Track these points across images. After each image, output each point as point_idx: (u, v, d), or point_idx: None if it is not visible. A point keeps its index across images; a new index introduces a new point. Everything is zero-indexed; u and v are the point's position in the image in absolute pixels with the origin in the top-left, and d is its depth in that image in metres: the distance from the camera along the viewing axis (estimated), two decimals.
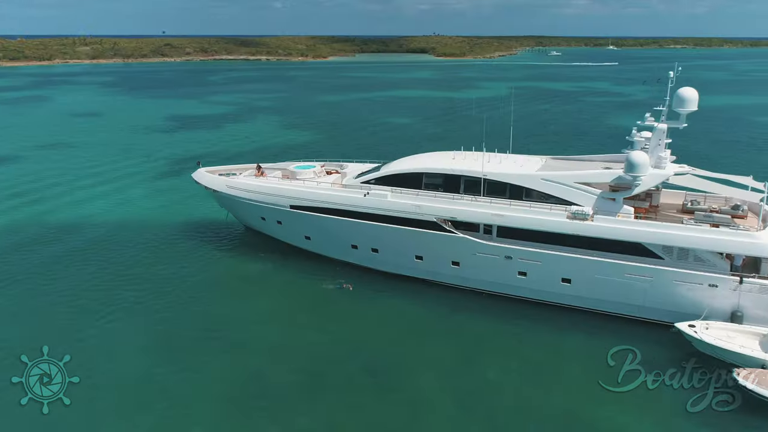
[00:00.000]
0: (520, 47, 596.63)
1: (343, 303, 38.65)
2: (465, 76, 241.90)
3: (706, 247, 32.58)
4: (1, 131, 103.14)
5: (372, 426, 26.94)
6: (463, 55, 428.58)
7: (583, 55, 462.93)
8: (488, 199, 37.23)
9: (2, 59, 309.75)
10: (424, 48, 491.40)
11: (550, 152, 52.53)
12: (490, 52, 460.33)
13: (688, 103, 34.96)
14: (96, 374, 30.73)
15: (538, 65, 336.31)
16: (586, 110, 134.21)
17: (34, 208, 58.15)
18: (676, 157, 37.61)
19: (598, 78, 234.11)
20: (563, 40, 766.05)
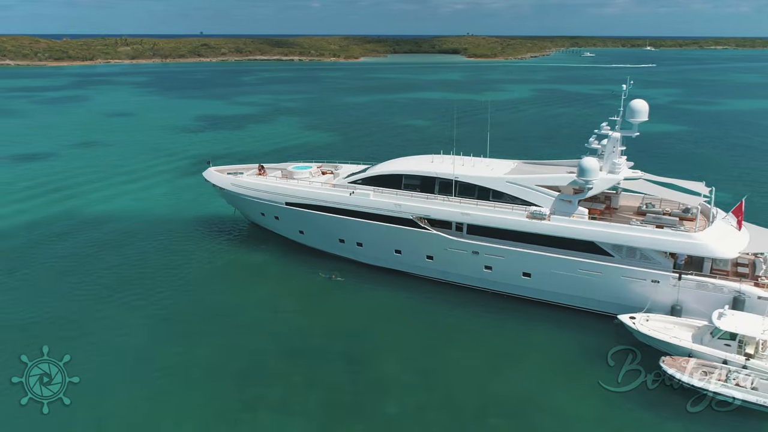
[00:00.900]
0: (555, 48, 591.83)
1: (330, 292, 42.81)
2: (491, 78, 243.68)
3: (651, 246, 35.69)
4: (41, 130, 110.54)
5: (340, 395, 30.78)
6: (494, 56, 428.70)
7: (619, 56, 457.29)
8: (459, 199, 40.95)
9: (48, 59, 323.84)
10: (457, 48, 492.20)
11: (554, 155, 55.68)
12: (522, 53, 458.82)
13: (639, 114, 38.09)
14: (97, 364, 33.77)
15: (569, 67, 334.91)
16: (604, 114, 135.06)
17: (64, 203, 63.96)
18: (633, 163, 40.70)
19: (626, 81, 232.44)
20: (599, 40, 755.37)
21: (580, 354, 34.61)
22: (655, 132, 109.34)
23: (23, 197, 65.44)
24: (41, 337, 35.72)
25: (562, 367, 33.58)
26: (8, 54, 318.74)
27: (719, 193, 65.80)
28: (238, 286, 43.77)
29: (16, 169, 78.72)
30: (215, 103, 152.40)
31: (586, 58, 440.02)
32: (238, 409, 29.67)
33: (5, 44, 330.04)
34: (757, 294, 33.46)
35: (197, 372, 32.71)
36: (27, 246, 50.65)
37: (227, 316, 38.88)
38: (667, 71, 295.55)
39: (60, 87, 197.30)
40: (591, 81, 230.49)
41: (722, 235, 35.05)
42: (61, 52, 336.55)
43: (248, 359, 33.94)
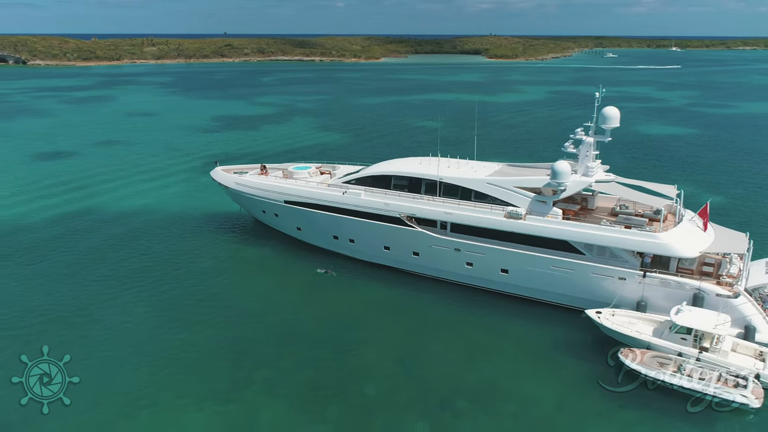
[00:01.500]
0: (578, 48, 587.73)
1: (323, 285, 45.69)
2: (509, 80, 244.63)
3: (619, 245, 37.89)
4: (66, 129, 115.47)
5: (323, 378, 33.57)
6: (515, 57, 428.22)
7: (642, 57, 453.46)
8: (443, 199, 43.52)
9: (77, 59, 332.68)
10: (478, 49, 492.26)
11: (558, 157, 57.38)
12: (543, 53, 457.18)
13: (611, 120, 40.24)
14: (100, 353, 36.91)
15: (590, 68, 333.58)
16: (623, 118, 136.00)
17: (84, 200, 67.91)
18: (608, 167, 42.84)
19: (645, 82, 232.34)
20: (624, 40, 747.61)
21: (550, 346, 36.93)
22: (663, 135, 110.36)
23: (47, 194, 69.57)
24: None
25: (532, 358, 35.95)
26: (39, 54, 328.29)
27: (717, 195, 67.89)
28: (238, 279, 46.88)
29: (41, 167, 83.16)
30: (234, 104, 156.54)
31: (609, 59, 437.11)
32: (229, 389, 32.54)
33: (36, 45, 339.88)
34: (716, 291, 35.48)
35: (194, 355, 35.73)
36: (44, 241, 54.43)
37: (226, 305, 41.95)
38: (688, 73, 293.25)
39: (86, 87, 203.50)
40: (610, 82, 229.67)
41: (685, 235, 37.08)
42: (89, 53, 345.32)
43: (242, 344, 36.92)
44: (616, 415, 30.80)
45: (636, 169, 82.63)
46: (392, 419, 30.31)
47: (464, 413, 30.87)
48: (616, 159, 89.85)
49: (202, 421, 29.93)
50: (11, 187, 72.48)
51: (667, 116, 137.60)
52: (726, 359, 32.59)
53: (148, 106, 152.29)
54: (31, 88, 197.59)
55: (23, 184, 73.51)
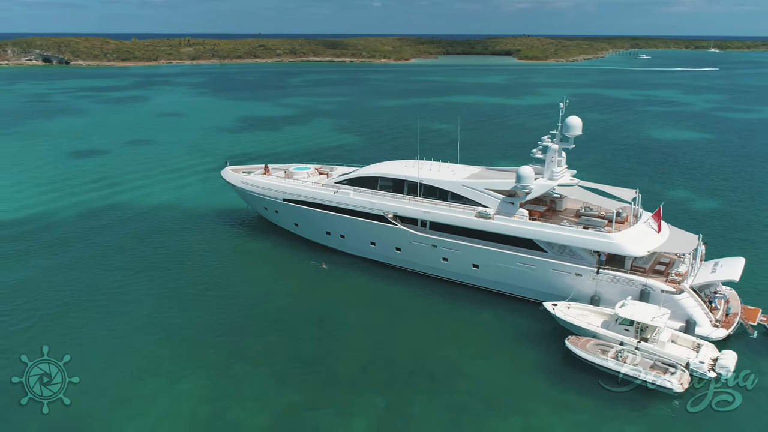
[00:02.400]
0: (612, 49, 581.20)
1: (315, 277, 50.09)
2: (533, 82, 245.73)
3: (576, 244, 41.30)
4: (101, 128, 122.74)
5: (303, 355, 37.92)
6: (545, 59, 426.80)
7: (678, 59, 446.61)
8: (422, 199, 47.47)
9: (116, 59, 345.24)
10: (510, 50, 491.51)
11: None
12: (575, 55, 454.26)
13: (573, 129, 43.60)
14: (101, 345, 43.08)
15: (620, 70, 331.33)
16: (633, 121, 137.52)
17: (109, 197, 73.85)
18: (575, 171, 46.16)
19: (672, 85, 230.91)
20: (661, 41, 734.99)
21: (511, 335, 40.54)
22: (674, 140, 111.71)
23: (77, 190, 75.86)
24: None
25: (492, 344, 39.65)
26: (81, 55, 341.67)
27: (711, 201, 70.21)
28: (239, 269, 51.66)
29: (74, 164, 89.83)
30: (260, 105, 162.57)
31: (642, 60, 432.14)
32: (221, 362, 37.05)
33: (78, 45, 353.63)
34: (661, 288, 38.65)
35: (193, 333, 40.47)
36: (68, 232, 60.21)
37: (226, 291, 46.74)
38: (720, 75, 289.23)
39: (123, 87, 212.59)
40: (636, 85, 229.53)
41: (635, 236, 40.29)
42: (128, 53, 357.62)
43: (236, 325, 41.52)
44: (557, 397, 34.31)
45: (636, 172, 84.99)
46: (357, 392, 34.36)
47: (423, 389, 34.69)
48: (621, 162, 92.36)
49: (194, 389, 34.44)
50: (46, 182, 78.98)
51: (685, 121, 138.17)
52: (663, 349, 35.74)
53: (178, 106, 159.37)
54: (71, 88, 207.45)
55: (57, 180, 79.99)
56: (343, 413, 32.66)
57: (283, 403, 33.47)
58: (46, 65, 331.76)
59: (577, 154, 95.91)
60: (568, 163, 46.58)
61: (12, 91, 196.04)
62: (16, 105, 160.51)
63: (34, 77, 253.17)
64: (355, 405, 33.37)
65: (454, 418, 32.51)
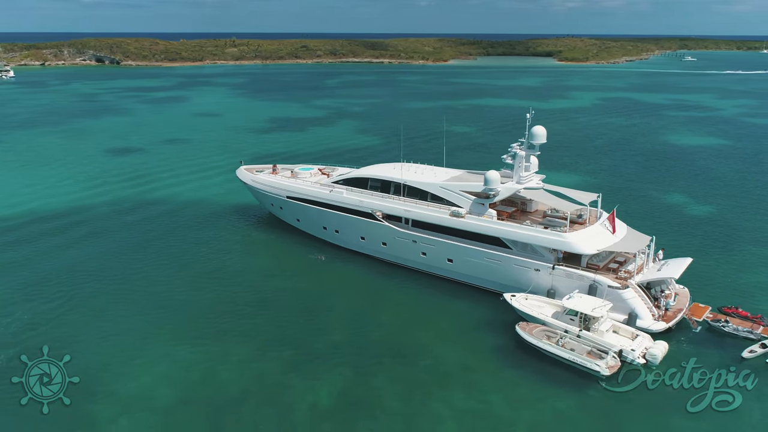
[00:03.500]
0: (659, 50, 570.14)
1: (311, 268, 55.62)
2: (567, 84, 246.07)
3: (536, 243, 45.58)
4: (141, 127, 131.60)
5: (287, 333, 43.37)
6: (585, 60, 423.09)
7: (727, 61, 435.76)
8: (405, 199, 52.41)
9: (163, 60, 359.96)
10: (551, 51, 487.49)
11: (563, 165, 63.02)
12: (617, 56, 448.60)
13: (538, 137, 47.88)
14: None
15: (659, 72, 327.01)
16: (655, 126, 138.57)
17: (138, 191, 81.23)
18: (544, 176, 50.32)
19: (707, 89, 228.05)
20: (712, 42, 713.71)
21: (474, 321, 45.08)
22: (689, 146, 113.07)
23: (111, 184, 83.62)
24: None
25: (456, 329, 44.25)
26: (131, 55, 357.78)
27: (706, 206, 72.97)
28: (244, 257, 57.69)
29: (111, 161, 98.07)
30: (292, 106, 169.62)
31: (687, 62, 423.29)
32: (213, 334, 42.96)
33: (129, 46, 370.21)
34: (608, 283, 42.63)
35: (193, 310, 46.57)
36: (95, 222, 67.50)
37: (229, 276, 52.83)
38: (763, 79, 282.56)
39: (166, 87, 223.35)
40: (670, 89, 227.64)
41: (588, 236, 44.33)
42: (175, 54, 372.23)
43: (233, 304, 47.44)
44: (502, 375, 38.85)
45: (641, 178, 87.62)
46: (328, 364, 39.58)
47: (386, 364, 39.59)
48: (627, 167, 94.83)
49: (189, 355, 40.38)
50: (85, 177, 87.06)
51: (708, 126, 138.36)
52: (601, 337, 39.82)
53: (215, 107, 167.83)
54: (118, 88, 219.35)
55: (94, 175, 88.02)
56: (311, 379, 38.00)
57: (262, 369, 39.05)
58: (99, 65, 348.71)
59: (586, 159, 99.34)
60: (580, 167, 50.92)
61: (65, 91, 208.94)
62: (66, 104, 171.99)
63: (86, 77, 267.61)
64: (323, 374, 38.63)
65: (408, 390, 37.37)
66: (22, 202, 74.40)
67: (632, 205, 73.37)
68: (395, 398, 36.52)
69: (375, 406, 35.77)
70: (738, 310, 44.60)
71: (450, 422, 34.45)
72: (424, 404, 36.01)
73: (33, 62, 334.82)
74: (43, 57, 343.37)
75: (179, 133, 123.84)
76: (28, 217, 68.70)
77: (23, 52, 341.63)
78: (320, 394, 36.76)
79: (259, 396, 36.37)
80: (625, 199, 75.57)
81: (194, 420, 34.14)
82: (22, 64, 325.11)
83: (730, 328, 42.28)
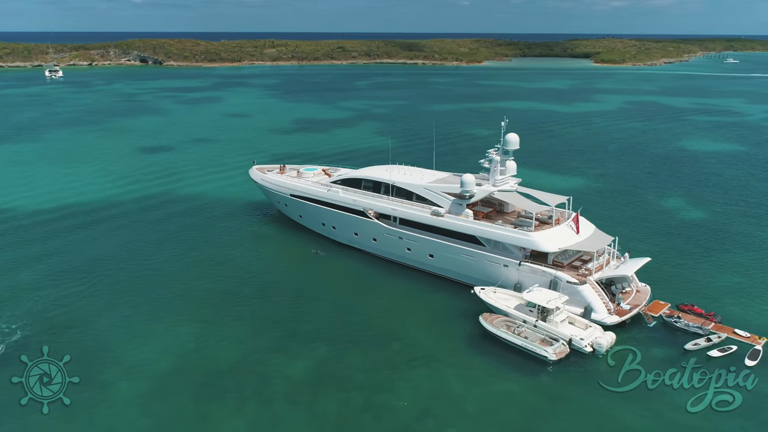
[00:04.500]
0: (702, 52, 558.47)
1: (308, 260, 60.87)
2: (594, 87, 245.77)
3: (506, 241, 49.70)
4: (173, 127, 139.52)
5: (277, 315, 48.78)
6: (622, 62, 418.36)
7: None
8: (392, 198, 57.10)
9: (203, 60, 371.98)
10: (589, 53, 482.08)
11: (569, 169, 66.09)
12: (656, 58, 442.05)
13: (511, 144, 52.01)
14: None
15: (696, 75, 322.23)
16: (673, 131, 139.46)
17: (162, 187, 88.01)
18: (520, 180, 54.33)
19: (741, 93, 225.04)
20: (759, 43, 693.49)
21: (447, 311, 49.57)
22: (702, 151, 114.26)
23: (139, 180, 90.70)
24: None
25: (430, 317, 48.90)
26: (173, 56, 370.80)
27: (701, 212, 75.75)
28: (250, 249, 63.34)
29: (142, 158, 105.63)
30: (318, 107, 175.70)
31: (728, 65, 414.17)
32: (211, 315, 48.61)
33: (171, 47, 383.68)
34: (566, 279, 46.50)
35: (198, 293, 52.39)
36: (121, 214, 74.24)
37: (234, 265, 58.65)
38: None
39: (203, 88, 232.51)
40: (701, 93, 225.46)
41: (550, 236, 48.23)
42: (215, 54, 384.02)
43: (233, 290, 53.16)
44: (462, 359, 43.21)
45: (643, 182, 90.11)
46: (308, 343, 44.73)
47: (361, 345, 44.55)
48: (632, 172, 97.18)
49: (187, 332, 46.05)
50: (117, 174, 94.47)
51: (728, 132, 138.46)
52: (555, 327, 43.75)
53: (246, 107, 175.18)
54: (158, 88, 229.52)
55: (126, 173, 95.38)
56: (292, 356, 43.21)
57: (251, 346, 44.43)
58: (142, 65, 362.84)
59: (594, 163, 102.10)
60: (586, 170, 54.58)
61: (108, 91, 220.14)
62: (107, 104, 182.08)
63: (129, 77, 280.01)
64: (303, 352, 43.78)
65: (376, 368, 42.14)
66: (59, 197, 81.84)
67: (626, 209, 76.39)
68: (363, 374, 41.33)
69: (344, 379, 40.66)
70: (694, 308, 47.84)
71: (408, 398, 39.03)
72: (389, 381, 40.72)
73: (81, 62, 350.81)
74: (91, 57, 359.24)
75: (208, 133, 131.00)
76: (62, 211, 76.05)
77: (72, 53, 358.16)
78: (297, 369, 41.86)
79: (245, 368, 41.69)
80: (622, 203, 78.65)
81: (186, 385, 39.62)
82: (71, 64, 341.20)
83: (682, 323, 45.62)
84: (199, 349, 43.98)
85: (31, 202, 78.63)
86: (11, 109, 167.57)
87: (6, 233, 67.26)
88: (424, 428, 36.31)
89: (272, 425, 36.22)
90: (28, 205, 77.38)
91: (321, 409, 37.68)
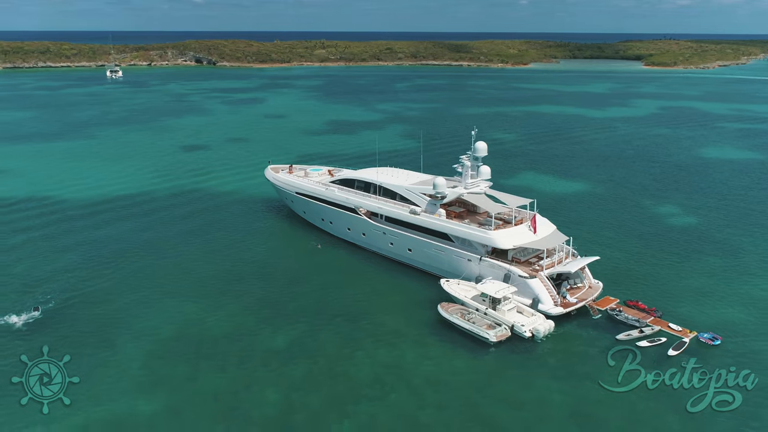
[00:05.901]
0: (763, 54, 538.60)
1: (308, 251, 68.33)
2: (636, 92, 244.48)
3: (470, 238, 55.75)
4: (213, 127, 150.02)
5: (271, 297, 56.25)
6: (674, 65, 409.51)
7: None
8: (379, 197, 63.88)
9: (254, 61, 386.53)
10: (641, 55, 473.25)
11: (577, 174, 71.80)
12: (710, 61, 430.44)
13: (480, 151, 58.19)
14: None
15: (745, 80, 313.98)
16: (696, 138, 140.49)
17: (195, 183, 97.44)
18: (491, 183, 60.16)
19: None
20: None
21: (416, 298, 55.86)
22: (721, 159, 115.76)
23: (174, 179, 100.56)
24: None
25: (400, 303, 55.26)
26: (226, 57, 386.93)
27: (697, 217, 79.22)
28: (257, 240, 71.34)
29: (180, 156, 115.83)
30: (353, 109, 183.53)
31: None
32: (212, 295, 56.64)
33: (225, 48, 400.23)
34: (518, 273, 52.24)
35: (204, 274, 60.59)
36: (153, 207, 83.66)
37: (239, 253, 66.60)
38: None
39: (249, 89, 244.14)
40: (741, 99, 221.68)
41: (507, 234, 53.96)
42: (266, 55, 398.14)
43: (235, 274, 61.02)
44: (419, 340, 49.66)
45: (645, 187, 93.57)
46: (290, 320, 52.02)
47: (335, 324, 51.36)
48: (638, 177, 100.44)
49: (190, 309, 54.17)
50: (155, 170, 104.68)
51: (754, 140, 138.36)
52: (501, 315, 49.61)
53: (285, 108, 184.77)
54: (208, 89, 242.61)
55: (163, 169, 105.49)
56: (274, 330, 50.61)
57: (241, 321, 52.17)
58: (197, 66, 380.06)
59: (602, 169, 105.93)
60: (591, 175, 59.72)
61: (161, 91, 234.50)
62: (159, 103, 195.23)
63: (183, 77, 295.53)
64: (283, 327, 51.16)
65: (344, 342, 49.03)
66: (103, 192, 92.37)
67: (616, 213, 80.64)
68: (332, 347, 48.31)
69: (314, 350, 47.78)
70: (638, 303, 52.72)
71: (366, 368, 45.67)
72: (352, 353, 47.55)
73: (141, 62, 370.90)
74: (150, 58, 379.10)
75: (244, 133, 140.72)
76: (103, 204, 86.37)
77: (133, 53, 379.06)
78: (277, 341, 49.26)
79: (232, 338, 49.40)
80: (614, 208, 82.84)
81: (182, 348, 47.56)
82: (131, 64, 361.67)
83: (622, 316, 50.63)
84: (196, 321, 51.92)
85: (79, 196, 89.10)
86: (71, 108, 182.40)
87: (55, 223, 77.44)
88: (373, 392, 42.86)
89: (246, 383, 43.58)
90: (77, 198, 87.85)
91: (289, 373, 44.81)
